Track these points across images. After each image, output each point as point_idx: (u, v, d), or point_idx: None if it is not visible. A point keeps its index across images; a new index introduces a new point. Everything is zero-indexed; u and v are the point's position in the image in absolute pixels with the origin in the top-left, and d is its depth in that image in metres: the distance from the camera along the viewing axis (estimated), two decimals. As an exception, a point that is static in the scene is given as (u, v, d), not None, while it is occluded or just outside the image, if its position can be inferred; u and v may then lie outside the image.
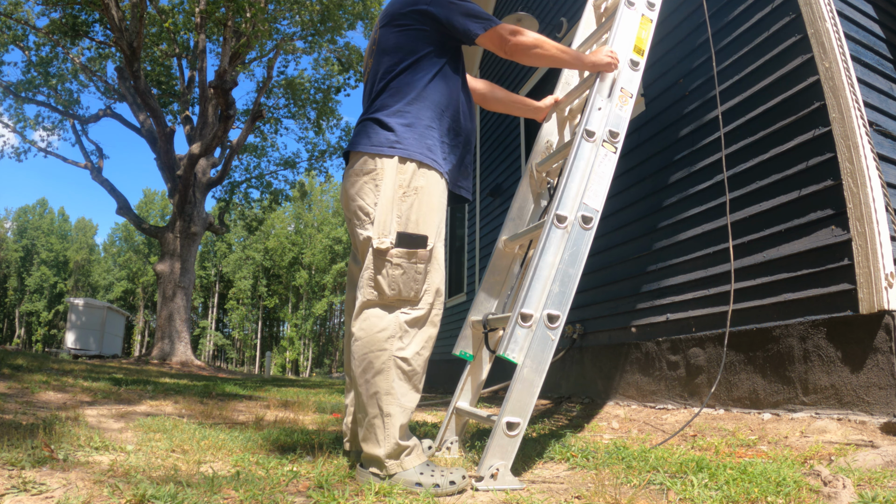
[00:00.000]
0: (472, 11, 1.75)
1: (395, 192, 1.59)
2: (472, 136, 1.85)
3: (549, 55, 1.89)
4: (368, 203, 1.61)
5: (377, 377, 1.50)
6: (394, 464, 1.47)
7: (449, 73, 1.77)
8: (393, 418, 1.48)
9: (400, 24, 1.76)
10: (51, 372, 4.73)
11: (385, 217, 1.58)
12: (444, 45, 1.77)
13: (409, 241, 1.56)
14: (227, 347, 52.34)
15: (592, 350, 3.82)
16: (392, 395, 1.49)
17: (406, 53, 1.73)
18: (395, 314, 1.54)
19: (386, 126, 1.65)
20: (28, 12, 14.48)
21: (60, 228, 53.54)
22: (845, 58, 2.32)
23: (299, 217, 48.63)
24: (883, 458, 1.65)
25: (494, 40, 1.79)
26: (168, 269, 12.48)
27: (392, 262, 1.55)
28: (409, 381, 1.53)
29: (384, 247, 1.55)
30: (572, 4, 4.97)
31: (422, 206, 1.60)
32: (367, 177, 1.63)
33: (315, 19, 14.43)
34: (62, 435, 1.87)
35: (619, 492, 1.36)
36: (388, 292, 1.54)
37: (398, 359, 1.51)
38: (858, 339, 2.11)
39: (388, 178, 1.60)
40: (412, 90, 1.69)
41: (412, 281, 1.55)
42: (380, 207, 1.59)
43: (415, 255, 1.56)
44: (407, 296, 1.55)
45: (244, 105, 17.46)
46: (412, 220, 1.58)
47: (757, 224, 2.61)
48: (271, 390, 5.43)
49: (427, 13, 1.73)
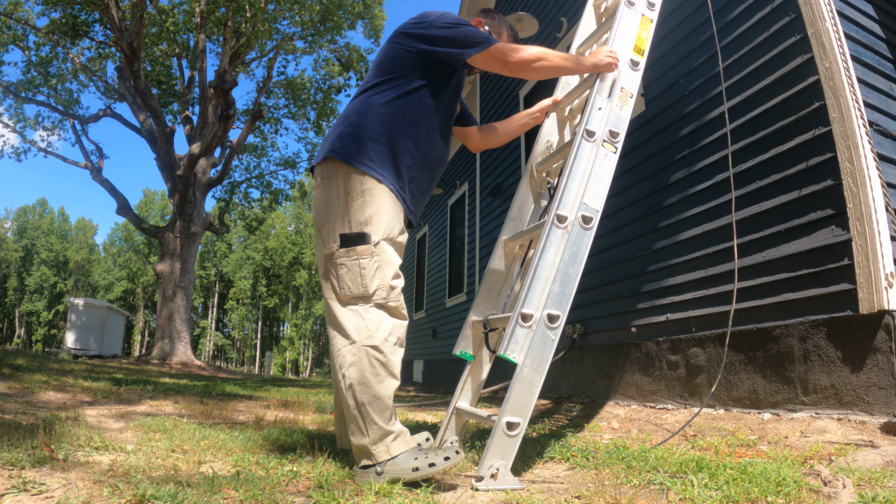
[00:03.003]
0: (466, 34, 1.75)
1: (343, 199, 1.64)
2: (429, 161, 1.79)
3: (553, 66, 1.89)
4: (320, 212, 1.70)
5: (350, 369, 1.54)
6: (381, 450, 1.50)
7: (422, 96, 1.74)
8: (371, 406, 1.52)
9: (395, 42, 1.79)
10: (51, 372, 4.73)
11: (334, 224, 1.64)
12: (426, 68, 1.75)
13: (349, 240, 1.61)
14: (227, 347, 52.35)
15: (592, 350, 3.82)
16: (366, 384, 1.53)
17: (387, 70, 1.75)
18: (356, 309, 1.59)
19: (338, 136, 1.70)
20: (28, 12, 14.48)
21: (60, 228, 53.54)
22: (845, 58, 2.32)
23: (299, 217, 48.65)
24: (883, 458, 1.65)
25: (495, 57, 1.79)
26: (168, 269, 12.48)
27: (337, 263, 1.61)
28: (383, 367, 1.56)
29: (329, 251, 1.63)
30: (572, 4, 4.97)
31: (369, 206, 1.63)
32: (320, 189, 1.71)
33: (315, 19, 14.44)
34: (62, 435, 1.87)
35: (619, 492, 1.36)
36: (340, 292, 1.61)
37: (368, 347, 1.55)
38: (858, 339, 2.11)
39: (334, 186, 1.66)
40: (373, 105, 1.71)
41: (358, 276, 1.59)
42: (328, 216, 1.66)
43: (354, 251, 1.60)
44: (357, 291, 1.59)
45: (244, 105, 17.48)
46: (360, 220, 1.63)
47: (757, 224, 2.61)
48: (271, 390, 5.43)
49: (420, 36, 1.74)
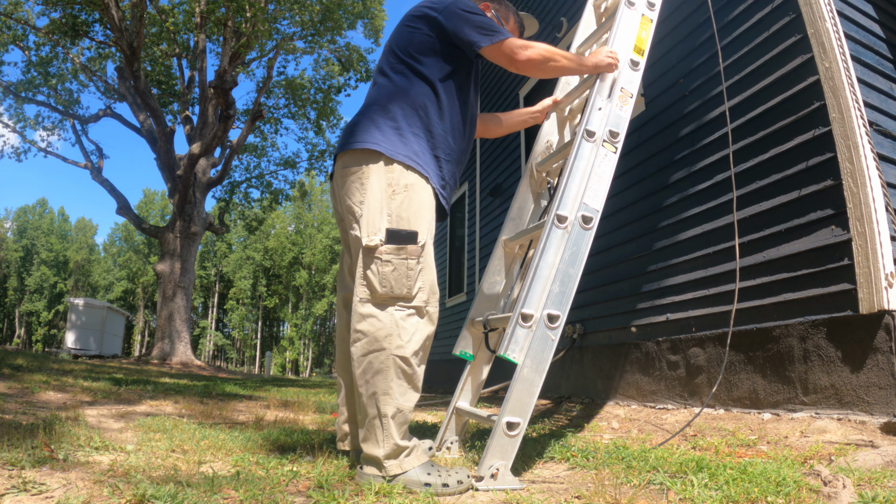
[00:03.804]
0: (481, 24, 1.73)
1: (383, 191, 1.59)
2: (464, 153, 1.82)
3: (559, 66, 1.87)
4: (355, 202, 1.62)
5: (376, 377, 1.50)
6: (393, 464, 1.47)
7: (449, 86, 1.74)
8: (392, 419, 1.48)
9: (411, 25, 1.76)
10: (51, 372, 4.72)
11: (374, 215, 1.57)
12: (449, 56, 1.74)
13: (398, 237, 1.56)
14: (227, 347, 52.34)
15: (592, 350, 3.82)
16: (390, 395, 1.49)
17: (409, 57, 1.72)
18: (391, 312, 1.54)
19: (376, 125, 1.65)
20: (28, 12, 14.49)
21: (60, 228, 53.54)
22: (845, 58, 2.32)
23: (299, 217, 48.64)
24: (883, 457, 1.65)
25: (504, 53, 1.76)
26: (168, 269, 12.48)
27: (382, 259, 1.54)
28: (408, 380, 1.52)
29: (373, 244, 1.55)
30: (572, 4, 4.97)
31: (412, 203, 1.60)
32: (354, 176, 1.63)
33: (315, 19, 14.44)
34: (62, 435, 1.87)
35: (619, 492, 1.36)
36: (379, 290, 1.54)
37: (397, 357, 1.50)
38: (858, 338, 2.11)
39: (375, 176, 1.60)
40: (407, 96, 1.68)
41: (404, 277, 1.55)
42: (367, 205, 1.59)
43: (404, 250, 1.55)
44: (399, 293, 1.54)
45: (244, 105, 17.49)
46: (403, 217, 1.58)
47: (757, 224, 2.61)
48: (271, 390, 5.43)
49: (435, 21, 1.72)
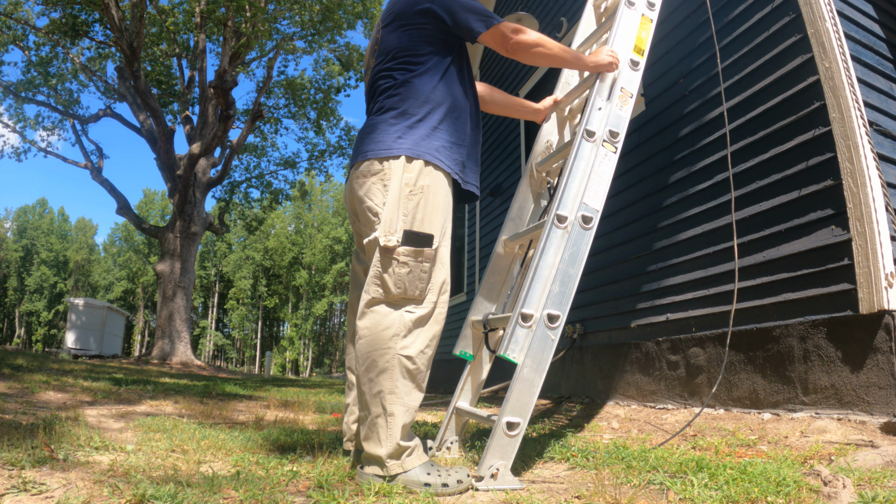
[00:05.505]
0: (474, 8, 1.75)
1: (401, 191, 1.60)
2: (479, 136, 1.86)
3: (550, 54, 1.89)
4: (377, 203, 1.62)
5: (381, 376, 1.50)
6: (395, 464, 1.47)
7: (454, 74, 1.77)
8: (396, 418, 1.48)
9: (402, 23, 1.76)
10: (51, 372, 4.72)
11: (392, 216, 1.58)
12: (446, 45, 1.76)
13: (415, 239, 1.57)
14: (227, 347, 52.34)
15: (592, 350, 3.82)
16: (395, 394, 1.49)
17: (409, 54, 1.73)
18: (401, 312, 1.54)
19: (393, 127, 1.66)
20: (28, 12, 14.49)
21: (60, 228, 53.54)
22: (845, 58, 2.32)
23: (299, 217, 48.63)
24: (883, 457, 1.65)
25: (496, 38, 1.78)
26: (168, 268, 12.48)
27: (399, 261, 1.55)
28: (413, 379, 1.53)
29: (391, 245, 1.56)
30: (572, 4, 4.97)
31: (427, 204, 1.61)
32: (375, 177, 1.64)
33: (315, 19, 14.43)
34: (62, 435, 1.87)
35: (619, 492, 1.36)
36: (393, 290, 1.55)
37: (402, 357, 1.51)
38: (858, 338, 2.11)
39: (396, 177, 1.61)
40: (418, 92, 1.69)
41: (417, 279, 1.56)
42: (387, 206, 1.60)
43: (421, 253, 1.57)
44: (412, 294, 1.56)
45: (244, 105, 17.49)
46: (418, 218, 1.59)
47: (757, 224, 2.61)
48: (271, 390, 5.43)
49: (429, 11, 1.73)
